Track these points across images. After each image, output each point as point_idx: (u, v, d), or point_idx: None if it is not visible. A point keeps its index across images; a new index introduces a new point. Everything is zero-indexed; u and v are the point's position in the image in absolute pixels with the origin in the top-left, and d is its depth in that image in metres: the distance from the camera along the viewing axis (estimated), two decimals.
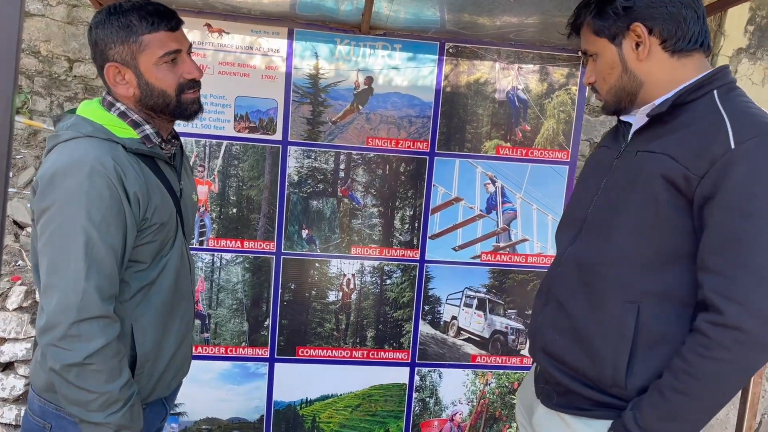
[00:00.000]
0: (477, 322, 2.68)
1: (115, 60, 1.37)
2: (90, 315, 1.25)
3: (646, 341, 1.26)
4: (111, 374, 1.29)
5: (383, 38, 2.45)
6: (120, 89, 1.40)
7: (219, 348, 2.56)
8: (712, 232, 1.16)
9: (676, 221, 1.21)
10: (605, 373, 1.29)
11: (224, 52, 2.39)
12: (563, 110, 2.58)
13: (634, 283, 1.27)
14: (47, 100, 3.71)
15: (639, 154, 1.30)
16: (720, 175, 1.14)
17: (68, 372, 1.26)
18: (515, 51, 2.53)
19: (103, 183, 1.27)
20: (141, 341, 1.40)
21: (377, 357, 2.66)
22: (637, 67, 1.31)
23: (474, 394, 2.74)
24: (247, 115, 2.44)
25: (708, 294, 1.16)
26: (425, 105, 2.52)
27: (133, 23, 1.36)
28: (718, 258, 1.16)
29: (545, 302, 1.47)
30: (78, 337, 1.25)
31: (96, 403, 1.28)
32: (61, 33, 3.67)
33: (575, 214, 1.46)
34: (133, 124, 1.41)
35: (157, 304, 1.43)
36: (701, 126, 1.21)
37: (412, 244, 2.61)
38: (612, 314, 1.29)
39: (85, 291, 1.25)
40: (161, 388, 1.50)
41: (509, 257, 2.66)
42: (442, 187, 2.59)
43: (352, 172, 2.54)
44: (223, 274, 2.54)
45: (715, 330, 1.14)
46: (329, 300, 2.61)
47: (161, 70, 1.39)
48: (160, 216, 1.39)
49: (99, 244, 1.27)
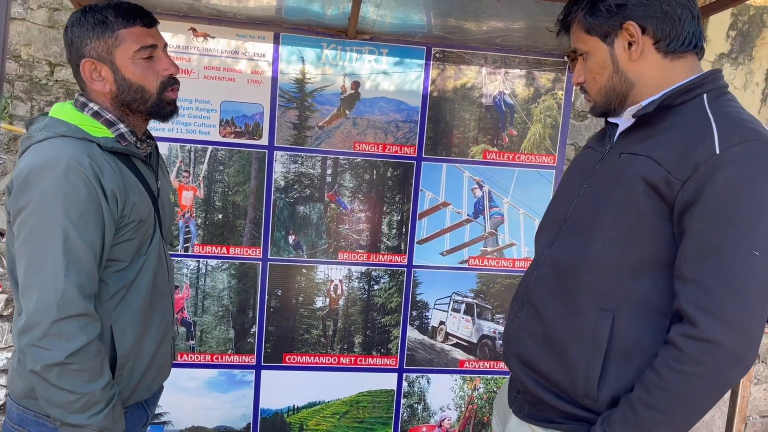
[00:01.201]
0: (465, 327, 2.68)
1: (90, 55, 1.37)
2: (70, 313, 1.24)
3: (621, 351, 1.21)
4: (92, 374, 1.27)
5: (370, 43, 2.44)
6: (96, 85, 1.40)
7: (204, 356, 2.53)
8: (691, 239, 1.11)
9: (656, 227, 1.16)
10: (577, 382, 1.24)
11: (209, 56, 2.37)
12: (549, 115, 2.59)
13: (611, 290, 1.22)
14: (28, 104, 3.65)
15: (622, 156, 1.26)
16: (703, 181, 1.09)
17: (49, 372, 1.24)
18: (502, 56, 2.53)
19: (79, 181, 1.26)
20: (121, 342, 1.39)
21: (365, 363, 2.64)
22: (629, 67, 1.26)
23: (462, 400, 2.73)
24: (233, 120, 2.42)
25: (683, 304, 1.11)
26: (412, 110, 2.51)
27: (109, 19, 1.37)
28: (695, 266, 1.10)
29: (520, 306, 1.42)
30: (58, 336, 1.23)
31: (78, 404, 1.26)
32: (42, 37, 3.62)
33: (555, 215, 1.41)
34: (107, 123, 1.40)
35: (136, 304, 1.41)
36: (687, 129, 1.17)
37: (399, 249, 2.60)
38: (587, 321, 1.23)
39: (65, 289, 1.23)
40: (141, 390, 1.49)
41: (497, 262, 2.65)
42: (429, 192, 2.58)
43: (339, 177, 2.53)
44: (209, 281, 2.51)
45: (688, 343, 1.09)
46: (316, 306, 2.59)
47: (137, 66, 1.40)
48: (138, 213, 1.38)
49: (77, 242, 1.25)
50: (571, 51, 1.39)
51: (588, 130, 4.00)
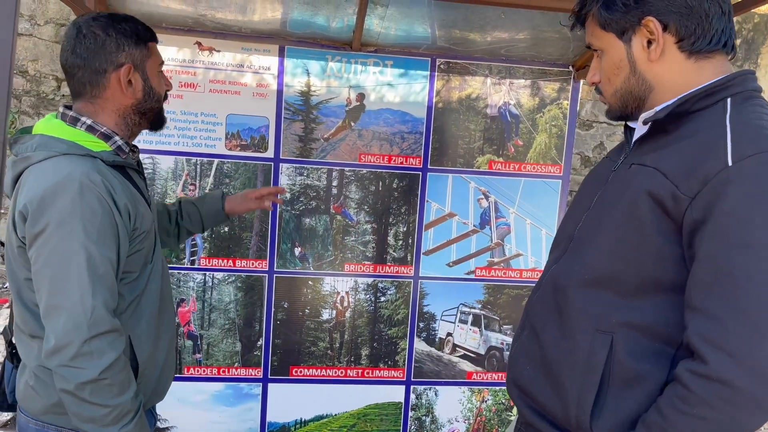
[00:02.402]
0: (472, 338, 2.66)
1: (129, 61, 1.39)
2: (101, 330, 1.25)
3: (619, 380, 1.09)
4: (122, 386, 1.29)
5: (374, 55, 2.45)
6: (127, 92, 1.40)
7: (211, 369, 2.52)
8: (701, 263, 0.98)
9: (662, 247, 1.04)
10: (569, 411, 1.13)
11: (215, 70, 2.38)
12: (555, 125, 2.59)
13: (609, 312, 1.10)
14: (35, 119, 3.68)
15: (633, 166, 1.14)
16: (713, 197, 0.97)
17: (83, 390, 1.25)
18: (506, 66, 2.53)
19: (94, 198, 1.26)
20: (139, 350, 1.40)
21: (372, 376, 2.63)
22: (648, 68, 1.12)
23: (470, 412, 2.71)
24: (239, 133, 2.42)
25: (691, 338, 0.98)
26: (417, 121, 2.52)
27: (141, 30, 1.41)
28: (704, 295, 0.97)
29: (522, 328, 1.32)
30: (90, 354, 1.24)
31: (110, 416, 1.27)
32: (49, 52, 3.65)
33: (565, 231, 1.30)
34: (103, 137, 1.39)
35: (148, 311, 1.43)
36: (701, 138, 1.04)
37: (405, 260, 2.59)
38: (582, 344, 1.12)
39: (94, 307, 1.24)
40: (157, 395, 1.52)
41: (504, 272, 2.64)
42: (435, 203, 2.58)
43: (345, 189, 2.53)
44: (215, 294, 2.50)
45: (697, 382, 0.96)
46: (323, 318, 2.58)
47: (158, 77, 1.47)
48: (144, 224, 1.40)
49: (100, 259, 1.26)
50: (586, 46, 1.26)
51: (593, 140, 3.99)
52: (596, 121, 3.99)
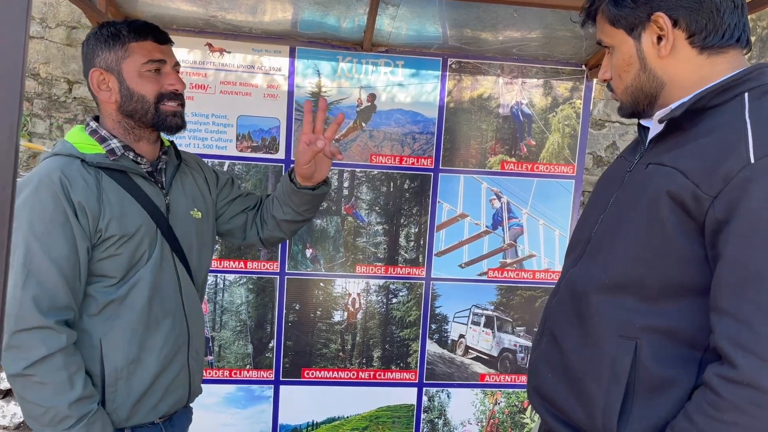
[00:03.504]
0: (485, 340, 2.64)
1: (99, 66, 1.41)
2: (26, 326, 1.26)
3: (645, 386, 1.06)
4: (58, 388, 1.27)
5: (385, 55, 2.43)
6: (103, 95, 1.43)
7: (223, 371, 2.51)
8: (726, 265, 0.96)
9: (685, 249, 1.01)
10: (596, 420, 1.10)
11: (225, 71, 2.37)
12: (568, 124, 2.56)
13: (633, 317, 1.08)
14: (47, 122, 3.69)
15: (650, 166, 1.11)
16: (736, 196, 0.94)
17: (14, 383, 1.28)
18: (519, 65, 2.51)
19: (47, 195, 1.29)
20: (110, 357, 1.38)
21: (384, 378, 2.61)
22: (658, 64, 1.11)
23: (483, 414, 2.68)
24: (250, 135, 2.42)
25: (720, 341, 0.95)
26: (429, 121, 2.50)
27: (122, 33, 1.42)
28: (732, 297, 0.95)
29: (541, 335, 1.30)
30: (17, 347, 1.26)
31: (46, 417, 1.28)
32: (61, 55, 3.66)
33: (581, 234, 1.27)
34: (100, 139, 1.43)
35: (129, 320, 1.40)
36: (720, 135, 1.01)
37: (417, 261, 2.57)
38: (606, 351, 1.10)
39: (22, 302, 1.26)
40: (145, 411, 1.45)
41: (516, 273, 2.62)
42: (447, 204, 2.56)
43: (356, 190, 2.51)
44: (227, 296, 2.50)
45: (727, 387, 0.93)
46: (334, 320, 2.57)
47: (143, 77, 1.43)
48: (119, 228, 1.36)
49: (40, 255, 1.28)
50: (597, 43, 1.23)
51: (606, 139, 3.96)
52: (609, 120, 3.96)
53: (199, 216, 1.60)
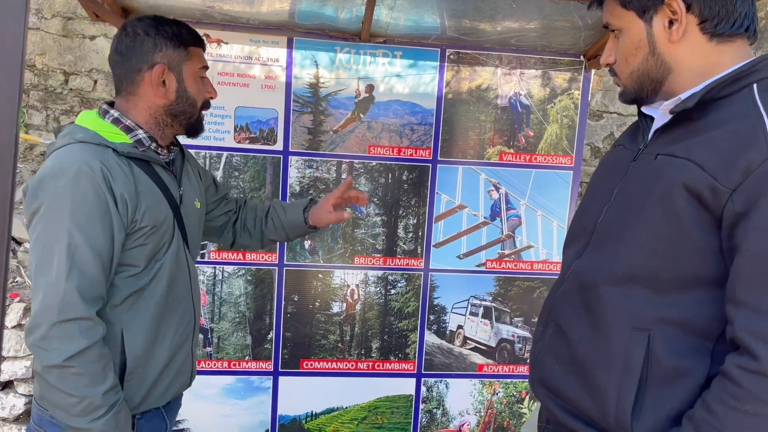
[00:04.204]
0: (483, 330, 2.65)
1: (163, 62, 1.42)
2: (70, 316, 1.25)
3: (658, 377, 1.06)
4: (93, 379, 1.28)
5: (384, 46, 2.43)
6: (158, 92, 1.43)
7: (222, 362, 2.52)
8: (745, 257, 0.96)
9: (699, 241, 1.02)
10: (608, 412, 1.10)
11: (223, 62, 2.37)
12: (566, 115, 2.56)
13: (646, 309, 1.08)
14: (43, 113, 3.68)
15: (659, 157, 1.10)
16: (756, 189, 0.94)
17: (49, 374, 1.26)
18: (517, 56, 2.51)
19: (88, 185, 1.28)
20: (131, 346, 1.39)
21: (383, 368, 2.62)
22: (668, 49, 1.10)
23: (482, 404, 2.70)
24: (248, 126, 2.41)
25: (739, 333, 0.96)
26: (427, 112, 2.50)
27: (183, 33, 1.46)
28: (752, 290, 0.95)
29: (545, 326, 1.29)
30: (58, 338, 1.25)
31: (78, 407, 1.27)
32: (57, 46, 3.64)
33: (583, 225, 1.25)
34: (126, 129, 1.42)
35: (149, 309, 1.42)
36: (735, 126, 1.01)
37: (416, 252, 2.58)
38: (617, 343, 1.09)
39: (66, 292, 1.25)
40: (155, 397, 1.48)
41: (515, 264, 2.62)
42: (445, 195, 2.56)
43: (355, 182, 2.51)
44: (225, 287, 2.50)
45: (748, 378, 0.94)
46: (333, 311, 2.57)
47: (197, 82, 1.49)
48: (151, 219, 1.39)
49: (83, 246, 1.27)
50: (603, 26, 1.22)
51: (604, 130, 3.96)
52: (606, 111, 3.96)
53: (199, 207, 1.64)
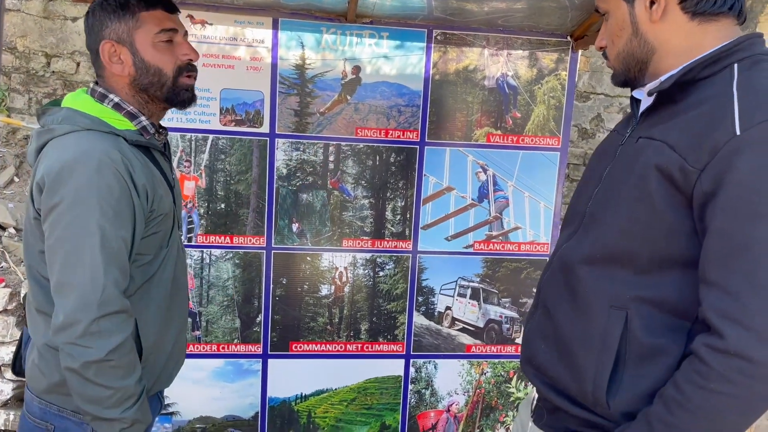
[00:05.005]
0: (471, 311, 2.66)
1: (110, 37, 1.36)
2: (111, 310, 1.24)
3: (634, 355, 1.08)
4: (128, 369, 1.28)
5: (370, 26, 2.41)
6: (115, 69, 1.37)
7: (211, 346, 2.52)
8: (713, 237, 0.97)
9: (673, 221, 1.03)
10: (585, 389, 1.13)
11: (208, 43, 2.34)
12: (553, 96, 2.56)
13: (623, 288, 1.10)
14: (25, 96, 3.62)
15: (640, 140, 1.12)
16: (722, 168, 0.95)
17: (88, 369, 1.24)
18: (504, 37, 2.50)
19: (112, 176, 1.25)
20: (145, 334, 1.39)
21: (372, 350, 2.63)
22: (649, 29, 1.11)
23: (470, 384, 2.72)
24: (233, 108, 2.39)
25: (708, 313, 0.97)
26: (414, 94, 2.48)
27: (131, 2, 1.36)
28: (720, 269, 0.96)
29: (535, 307, 1.33)
30: (99, 333, 1.23)
31: (113, 399, 1.27)
32: (38, 28, 3.58)
33: (576, 208, 1.28)
34: (129, 116, 1.39)
35: (159, 296, 1.42)
36: (707, 107, 1.01)
37: (404, 235, 2.58)
38: (596, 322, 1.12)
39: (105, 286, 1.23)
40: (162, 380, 1.51)
41: (502, 246, 2.64)
42: (433, 177, 2.56)
43: (342, 164, 2.51)
44: (213, 271, 2.49)
45: (714, 357, 0.95)
46: (322, 294, 2.58)
47: (158, 48, 1.38)
48: (162, 206, 1.38)
49: (114, 238, 1.25)
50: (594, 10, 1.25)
51: (591, 111, 3.97)
52: (594, 92, 3.96)
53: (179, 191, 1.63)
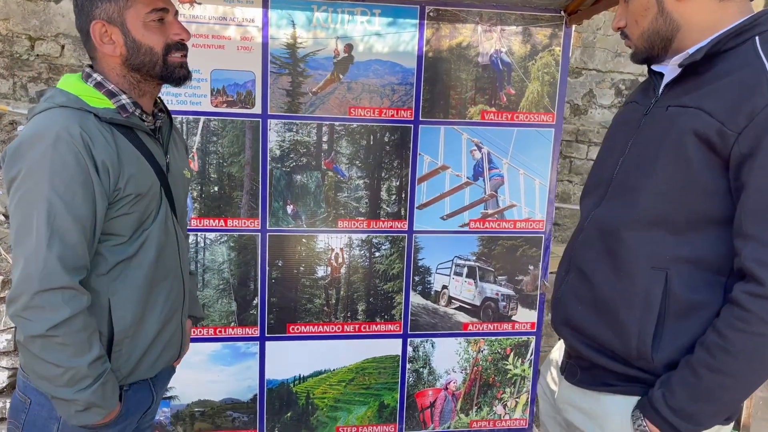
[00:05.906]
0: (468, 290, 2.67)
1: (101, 17, 1.34)
2: (52, 285, 1.22)
3: (675, 311, 1.18)
4: (78, 348, 1.26)
5: (361, 3, 2.37)
6: (107, 49, 1.36)
7: (208, 329, 2.51)
8: (751, 194, 1.06)
9: (709, 183, 1.12)
10: (630, 345, 1.21)
11: (197, 23, 2.29)
12: (547, 72, 2.54)
13: (662, 249, 1.18)
14: (10, 81, 3.55)
15: (670, 109, 1.20)
16: (760, 131, 1.04)
17: (32, 344, 1.24)
18: (497, 12, 2.47)
19: (68, 151, 1.24)
20: (119, 316, 1.37)
21: (369, 330, 2.63)
22: (675, 8, 1.18)
23: (467, 362, 2.74)
24: (224, 89, 2.35)
25: (746, 263, 1.07)
26: (407, 72, 2.45)
27: None
28: (757, 222, 1.06)
29: (567, 271, 1.40)
30: (41, 308, 1.22)
31: (63, 378, 1.26)
32: (21, 10, 3.50)
33: (601, 176, 1.36)
34: (109, 94, 1.37)
35: (136, 279, 1.39)
36: (739, 76, 1.10)
37: (399, 215, 2.57)
38: (638, 282, 1.21)
39: (47, 260, 1.22)
40: (144, 368, 1.47)
41: (498, 224, 2.63)
42: (427, 156, 2.54)
43: (336, 144, 2.48)
44: (208, 254, 2.47)
45: (754, 302, 1.05)
46: (318, 275, 2.57)
47: (148, 28, 1.37)
48: (136, 187, 1.35)
49: (63, 214, 1.24)
50: None
51: (583, 87, 3.95)
52: (585, 68, 3.94)
53: (188, 176, 1.61)
